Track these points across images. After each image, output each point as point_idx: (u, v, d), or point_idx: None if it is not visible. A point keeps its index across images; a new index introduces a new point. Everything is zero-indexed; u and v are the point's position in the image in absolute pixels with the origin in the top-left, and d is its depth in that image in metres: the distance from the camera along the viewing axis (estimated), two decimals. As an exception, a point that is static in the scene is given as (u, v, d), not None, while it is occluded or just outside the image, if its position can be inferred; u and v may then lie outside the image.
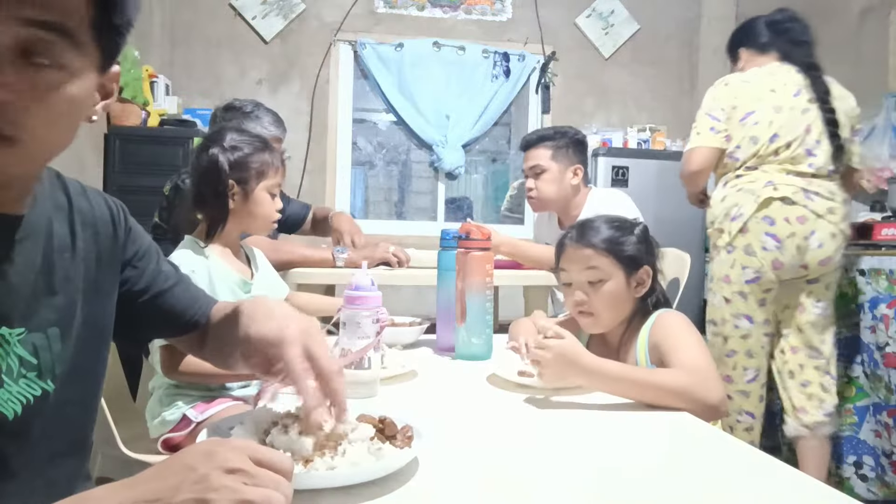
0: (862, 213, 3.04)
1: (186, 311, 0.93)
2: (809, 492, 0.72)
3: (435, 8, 3.98)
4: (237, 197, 1.47)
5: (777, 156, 2.09)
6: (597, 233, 1.38)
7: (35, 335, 0.69)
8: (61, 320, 0.72)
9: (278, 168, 1.53)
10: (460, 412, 1.04)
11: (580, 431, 0.96)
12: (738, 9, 4.01)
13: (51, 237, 0.73)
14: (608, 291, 1.34)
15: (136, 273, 0.87)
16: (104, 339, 0.82)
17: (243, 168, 1.47)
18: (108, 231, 0.83)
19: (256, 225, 1.54)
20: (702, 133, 2.20)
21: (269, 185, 1.51)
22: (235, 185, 1.47)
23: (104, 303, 0.81)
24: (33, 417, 0.68)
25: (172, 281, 0.93)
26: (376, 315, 1.07)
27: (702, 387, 1.08)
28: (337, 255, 2.19)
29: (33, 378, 0.69)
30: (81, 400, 0.77)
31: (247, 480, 0.53)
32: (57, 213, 0.75)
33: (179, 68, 3.72)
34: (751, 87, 2.17)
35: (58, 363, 0.71)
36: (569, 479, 0.75)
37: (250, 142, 1.51)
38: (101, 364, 0.82)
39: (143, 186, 2.93)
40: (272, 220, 1.54)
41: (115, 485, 0.55)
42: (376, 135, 4.25)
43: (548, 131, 2.42)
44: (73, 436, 0.77)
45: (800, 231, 2.01)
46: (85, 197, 0.81)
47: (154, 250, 0.92)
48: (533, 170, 2.34)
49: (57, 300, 0.72)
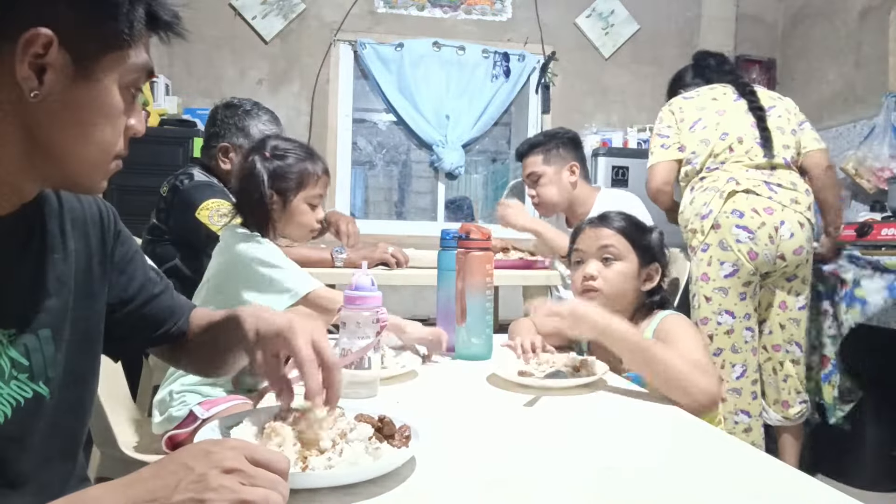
0: (862, 213, 3.04)
1: (172, 318, 0.93)
2: (810, 492, 0.72)
3: (435, 8, 3.98)
4: (276, 206, 1.47)
5: (732, 152, 2.15)
6: (617, 220, 1.44)
7: (27, 336, 0.68)
8: (53, 322, 0.72)
9: (319, 177, 1.51)
10: (460, 412, 1.03)
11: (580, 431, 0.96)
12: (738, 9, 4.01)
13: (43, 237, 0.72)
14: (619, 271, 1.38)
15: (125, 278, 0.86)
16: (95, 342, 0.81)
17: (283, 178, 1.47)
18: (97, 233, 0.82)
19: (295, 233, 1.55)
20: (655, 151, 2.30)
21: (309, 195, 1.50)
22: (275, 195, 1.47)
23: (94, 306, 0.80)
24: (25, 420, 0.68)
25: (160, 288, 0.92)
26: (376, 315, 1.07)
27: (698, 374, 1.09)
28: (336, 256, 2.19)
29: (25, 380, 0.68)
30: (74, 404, 0.77)
31: (244, 480, 0.53)
32: (47, 213, 0.74)
33: (179, 68, 3.72)
34: (694, 101, 2.29)
35: (50, 366, 0.71)
36: (568, 479, 0.74)
37: (292, 150, 1.50)
38: (93, 369, 0.81)
39: (143, 186, 2.92)
40: (311, 230, 1.55)
41: (112, 483, 0.55)
42: (376, 135, 4.25)
43: (538, 137, 2.46)
44: (66, 440, 0.77)
45: (769, 221, 2.05)
46: (74, 196, 0.80)
47: (141, 256, 0.91)
48: (530, 178, 2.39)
49: (49, 302, 0.72)
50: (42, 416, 0.71)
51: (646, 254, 1.41)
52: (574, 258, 1.46)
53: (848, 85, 3.49)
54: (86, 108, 0.65)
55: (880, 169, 3.02)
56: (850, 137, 3.43)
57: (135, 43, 0.66)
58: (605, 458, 0.83)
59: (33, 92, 0.60)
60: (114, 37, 0.64)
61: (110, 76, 0.66)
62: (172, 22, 0.71)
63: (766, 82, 4.06)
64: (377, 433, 0.75)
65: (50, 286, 0.72)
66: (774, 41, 4.11)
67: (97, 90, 0.65)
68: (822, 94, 3.69)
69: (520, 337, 1.34)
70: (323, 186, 1.53)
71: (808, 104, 3.81)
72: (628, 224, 1.43)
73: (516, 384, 1.16)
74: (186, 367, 1.03)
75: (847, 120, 3.47)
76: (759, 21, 4.09)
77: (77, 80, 0.63)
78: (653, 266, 1.41)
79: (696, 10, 4.01)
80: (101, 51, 0.64)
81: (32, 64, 0.60)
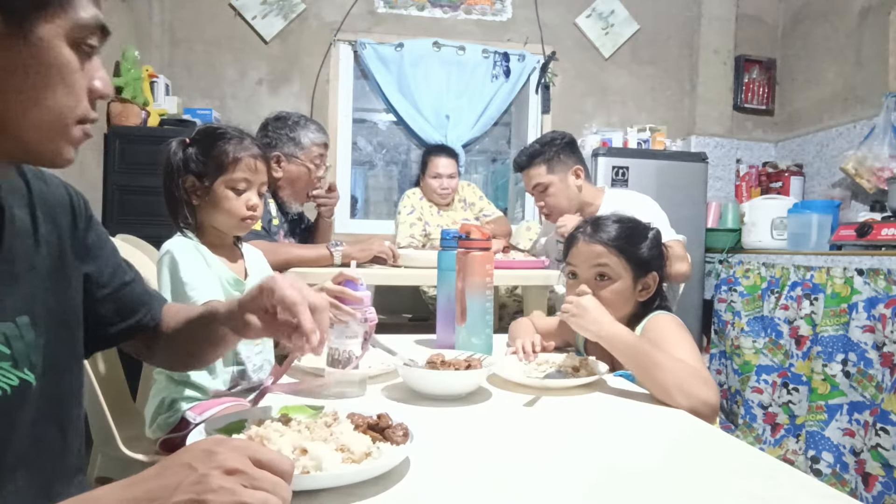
0: (862, 213, 3.04)
1: (143, 307, 0.93)
2: (810, 492, 0.72)
3: (435, 8, 3.98)
4: (199, 192, 1.40)
5: None
6: (610, 231, 1.38)
7: (4, 324, 0.67)
8: (29, 308, 0.71)
9: (239, 159, 1.39)
10: (460, 412, 1.03)
11: (579, 431, 0.96)
12: (738, 9, 4.01)
13: (12, 222, 0.70)
14: (614, 290, 1.35)
15: (98, 265, 0.86)
16: (75, 328, 0.80)
17: (200, 163, 1.39)
18: (68, 218, 0.80)
19: (223, 222, 1.43)
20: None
21: (231, 179, 1.39)
22: (196, 181, 1.39)
23: (69, 292, 0.79)
24: (12, 408, 0.68)
25: (130, 276, 0.92)
26: (364, 314, 1.05)
27: (698, 382, 1.08)
28: (333, 251, 2.20)
29: (8, 368, 0.67)
30: (61, 391, 0.76)
31: (245, 482, 0.52)
32: (14, 197, 0.72)
33: (179, 68, 3.72)
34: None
35: (32, 353, 0.70)
36: (568, 479, 0.74)
37: (212, 134, 1.41)
38: (76, 355, 0.81)
39: (143, 186, 2.93)
40: (241, 218, 1.42)
41: (115, 485, 0.55)
42: (376, 135, 4.24)
43: (535, 147, 2.41)
44: (55, 427, 0.76)
45: None
46: (42, 180, 0.78)
47: (111, 244, 0.90)
48: (536, 188, 2.37)
49: (22, 288, 0.70)
50: (29, 403, 0.70)
51: (640, 267, 1.37)
52: (568, 269, 1.44)
53: (848, 85, 3.49)
54: (30, 70, 0.61)
55: (880, 169, 3.02)
56: (850, 137, 3.43)
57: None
58: (606, 458, 0.83)
59: None
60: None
61: (52, 34, 0.61)
62: None
63: (767, 82, 4.06)
64: (377, 433, 0.75)
65: (20, 272, 0.70)
66: (774, 41, 4.11)
67: (38, 50, 0.61)
68: (822, 94, 3.69)
69: (520, 339, 1.34)
70: (247, 170, 1.40)
71: (808, 104, 3.82)
72: (622, 235, 1.38)
73: (516, 384, 1.16)
74: (161, 361, 1.02)
75: (847, 120, 3.47)
76: (759, 21, 4.09)
77: (14, 41, 0.60)
78: (650, 276, 1.38)
79: (696, 10, 4.00)
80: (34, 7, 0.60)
81: None
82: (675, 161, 3.54)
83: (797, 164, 3.82)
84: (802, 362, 2.65)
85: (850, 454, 2.36)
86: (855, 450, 2.34)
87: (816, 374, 2.49)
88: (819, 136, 3.70)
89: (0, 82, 0.61)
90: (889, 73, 3.15)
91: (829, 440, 2.43)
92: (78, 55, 0.64)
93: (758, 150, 4.10)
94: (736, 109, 4.06)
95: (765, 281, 2.99)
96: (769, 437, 2.80)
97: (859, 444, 2.32)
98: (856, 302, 2.36)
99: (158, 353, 0.98)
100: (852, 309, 2.38)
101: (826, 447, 2.44)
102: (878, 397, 2.25)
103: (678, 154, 3.66)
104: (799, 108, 3.91)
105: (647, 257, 1.37)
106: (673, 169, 3.50)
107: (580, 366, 1.25)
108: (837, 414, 2.42)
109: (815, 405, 2.48)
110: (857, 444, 2.33)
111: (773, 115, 4.11)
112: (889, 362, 2.22)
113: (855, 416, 2.36)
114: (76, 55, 0.64)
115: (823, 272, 2.57)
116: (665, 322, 1.32)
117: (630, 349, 1.15)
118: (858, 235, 2.56)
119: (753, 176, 3.97)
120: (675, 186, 3.43)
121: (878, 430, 2.22)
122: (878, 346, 2.28)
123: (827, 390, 2.45)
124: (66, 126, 0.66)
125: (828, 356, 2.45)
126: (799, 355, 2.66)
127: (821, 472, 2.43)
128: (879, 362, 2.26)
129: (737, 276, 3.20)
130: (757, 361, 2.91)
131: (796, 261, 2.78)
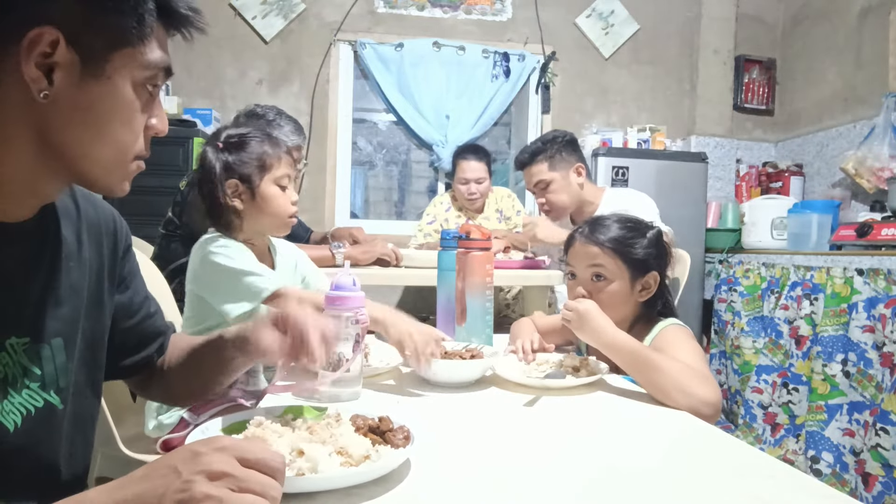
0: (862, 213, 3.04)
1: (158, 340, 0.93)
2: (810, 492, 0.72)
3: (435, 8, 3.98)
4: (244, 196, 1.38)
5: None
6: (607, 231, 1.38)
7: (39, 345, 0.67)
8: (65, 331, 0.71)
9: (280, 157, 1.40)
10: (460, 412, 1.03)
11: (579, 431, 0.96)
12: (738, 9, 4.01)
13: (59, 244, 0.71)
14: (610, 292, 1.35)
15: (129, 295, 0.86)
16: (100, 353, 0.80)
17: (243, 165, 1.37)
18: (110, 243, 0.81)
19: (271, 223, 1.43)
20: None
21: (276, 176, 1.39)
22: (239, 185, 1.37)
23: (101, 317, 0.79)
24: (35, 430, 0.67)
25: (154, 307, 0.92)
26: (356, 316, 1.03)
27: (698, 381, 1.08)
28: (335, 251, 2.20)
29: (36, 389, 0.67)
30: (84, 416, 0.76)
31: (232, 485, 0.50)
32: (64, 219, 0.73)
33: (179, 68, 3.71)
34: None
35: (62, 376, 0.70)
36: (568, 479, 0.74)
37: (246, 136, 1.40)
38: (99, 381, 0.81)
39: (144, 186, 2.90)
40: (288, 215, 1.42)
41: (107, 486, 0.54)
42: (376, 135, 4.24)
43: (537, 145, 2.42)
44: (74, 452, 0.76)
45: None
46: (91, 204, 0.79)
47: (141, 274, 0.91)
48: (538, 186, 2.37)
49: (62, 310, 0.70)
50: (53, 426, 0.70)
51: (638, 267, 1.36)
52: (567, 269, 1.44)
53: (848, 85, 3.49)
54: (98, 107, 0.63)
55: (880, 169, 3.02)
56: (850, 137, 3.43)
57: (146, 39, 0.64)
58: (606, 457, 0.83)
59: (42, 92, 0.59)
60: (122, 33, 0.62)
61: (122, 74, 0.63)
62: (189, 15, 0.69)
63: (767, 82, 4.06)
64: (377, 435, 0.75)
65: (64, 294, 0.71)
66: (774, 41, 4.11)
67: (108, 89, 0.63)
68: (822, 94, 3.69)
69: (520, 339, 1.34)
70: (288, 165, 1.41)
71: (808, 104, 3.82)
72: (620, 235, 1.37)
73: (516, 384, 1.16)
74: (158, 394, 1.00)
75: (847, 120, 3.47)
76: (759, 21, 4.09)
77: (87, 79, 0.61)
78: (650, 275, 1.37)
79: (696, 10, 4.00)
80: (110, 48, 0.62)
81: (40, 64, 0.59)
82: (675, 161, 3.55)
83: (797, 164, 3.82)
84: (802, 362, 2.65)
85: (850, 454, 2.36)
86: (855, 450, 2.34)
87: (816, 374, 2.49)
88: (819, 136, 3.70)
89: (69, 117, 0.62)
90: (889, 73, 3.14)
91: (829, 440, 2.43)
92: (141, 94, 0.67)
93: (758, 150, 4.10)
94: (736, 109, 4.06)
95: (765, 281, 2.99)
96: (769, 437, 2.80)
97: (859, 444, 2.32)
98: (856, 302, 2.36)
99: (155, 385, 0.96)
100: (852, 309, 2.38)
101: (826, 447, 2.44)
102: (877, 397, 2.25)
103: (678, 154, 3.66)
104: (799, 108, 3.91)
105: (644, 257, 1.36)
106: (673, 169, 3.50)
107: (580, 366, 1.25)
108: (837, 414, 2.42)
109: (815, 405, 2.48)
110: (856, 444, 2.33)
111: (773, 115, 4.11)
112: (889, 362, 2.22)
113: (855, 416, 2.36)
114: (139, 94, 0.66)
115: (823, 272, 2.57)
116: (673, 333, 1.31)
117: (630, 355, 1.15)
118: (858, 235, 2.56)
119: (753, 176, 3.97)
120: (675, 186, 3.43)
121: (878, 430, 2.22)
122: (878, 346, 2.28)
123: (827, 390, 2.45)
124: (124, 162, 0.68)
125: (828, 356, 2.45)
126: (799, 355, 2.66)
127: (821, 472, 2.43)
128: (879, 362, 2.26)
129: (737, 276, 3.20)
130: (757, 361, 2.90)
131: (796, 261, 2.78)
